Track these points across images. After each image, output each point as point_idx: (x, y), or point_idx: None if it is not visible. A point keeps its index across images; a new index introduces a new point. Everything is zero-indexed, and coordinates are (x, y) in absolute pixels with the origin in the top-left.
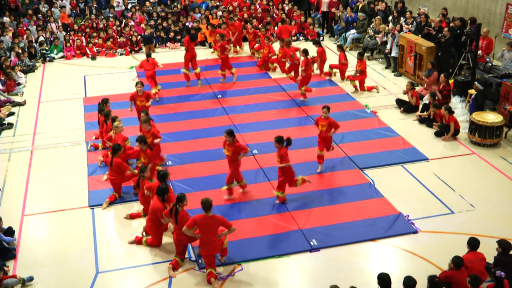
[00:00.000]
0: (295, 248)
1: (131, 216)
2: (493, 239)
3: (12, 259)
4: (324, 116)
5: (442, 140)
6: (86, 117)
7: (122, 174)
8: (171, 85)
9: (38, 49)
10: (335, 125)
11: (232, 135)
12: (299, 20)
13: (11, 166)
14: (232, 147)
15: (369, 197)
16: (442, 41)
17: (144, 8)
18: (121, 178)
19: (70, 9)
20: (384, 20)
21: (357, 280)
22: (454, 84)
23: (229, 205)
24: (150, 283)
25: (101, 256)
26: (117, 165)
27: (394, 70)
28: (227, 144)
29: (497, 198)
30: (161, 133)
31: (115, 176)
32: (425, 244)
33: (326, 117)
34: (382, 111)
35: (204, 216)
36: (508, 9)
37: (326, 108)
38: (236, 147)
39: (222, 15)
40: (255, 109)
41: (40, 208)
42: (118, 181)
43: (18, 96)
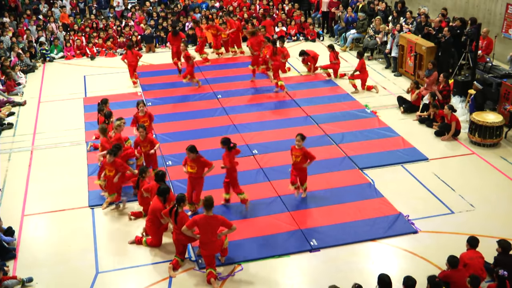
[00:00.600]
0: (295, 248)
1: (133, 214)
2: (493, 239)
3: (12, 259)
4: (297, 145)
5: (442, 140)
6: (86, 117)
7: (123, 174)
8: (171, 85)
9: (38, 49)
10: (310, 156)
11: (195, 151)
12: (299, 20)
13: (11, 166)
14: (196, 163)
15: (369, 197)
16: (442, 41)
17: (144, 8)
18: (121, 178)
19: (70, 9)
20: (384, 20)
21: (357, 280)
22: (454, 84)
23: (229, 205)
24: (150, 283)
25: (101, 256)
26: (118, 165)
27: (394, 70)
28: (190, 160)
29: (497, 198)
30: (161, 133)
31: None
32: (425, 244)
33: (299, 146)
34: (382, 111)
35: (205, 216)
36: (508, 9)
37: (299, 136)
38: (201, 163)
39: (222, 14)
40: (255, 109)
41: (40, 208)
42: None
43: (18, 96)
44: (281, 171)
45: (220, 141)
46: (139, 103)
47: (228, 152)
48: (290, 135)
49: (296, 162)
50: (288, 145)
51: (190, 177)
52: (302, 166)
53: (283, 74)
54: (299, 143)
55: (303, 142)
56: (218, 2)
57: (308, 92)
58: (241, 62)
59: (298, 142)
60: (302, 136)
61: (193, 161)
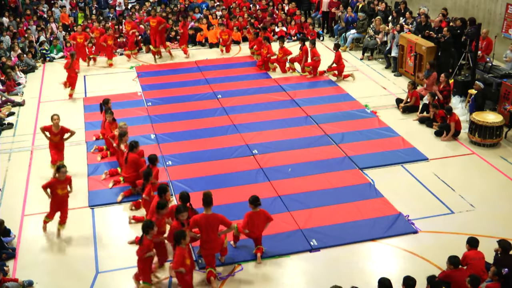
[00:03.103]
0: (295, 248)
1: (134, 218)
2: (493, 239)
3: (12, 259)
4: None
5: (442, 140)
6: (86, 117)
7: (137, 171)
8: (171, 85)
9: (38, 49)
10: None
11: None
12: (299, 20)
13: (11, 166)
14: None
15: (369, 197)
16: (442, 41)
17: (144, 8)
18: (136, 176)
19: (70, 9)
20: (384, 20)
21: (357, 280)
22: (454, 84)
23: (229, 205)
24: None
25: (101, 256)
26: (133, 162)
27: (394, 70)
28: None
29: (497, 198)
30: (161, 133)
31: (130, 174)
32: (425, 244)
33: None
34: (382, 111)
35: (204, 215)
36: (508, 9)
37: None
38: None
39: (222, 15)
40: (255, 109)
41: (40, 208)
42: (132, 179)
43: (18, 96)
44: (281, 171)
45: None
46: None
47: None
48: (290, 135)
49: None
50: (288, 145)
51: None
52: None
53: (283, 74)
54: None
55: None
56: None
57: (308, 92)
58: (241, 62)
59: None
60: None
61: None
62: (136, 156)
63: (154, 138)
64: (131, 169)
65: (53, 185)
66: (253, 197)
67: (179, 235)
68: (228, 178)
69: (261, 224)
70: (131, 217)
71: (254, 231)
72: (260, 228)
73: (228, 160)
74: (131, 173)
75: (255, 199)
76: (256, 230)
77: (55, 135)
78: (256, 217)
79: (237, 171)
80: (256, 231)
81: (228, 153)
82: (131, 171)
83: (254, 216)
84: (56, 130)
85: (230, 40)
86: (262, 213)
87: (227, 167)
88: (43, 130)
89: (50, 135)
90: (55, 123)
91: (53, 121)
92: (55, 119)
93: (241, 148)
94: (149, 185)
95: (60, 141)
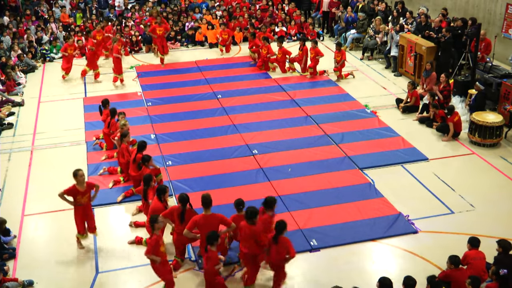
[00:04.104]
0: (295, 248)
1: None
2: (493, 239)
3: (12, 259)
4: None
5: (443, 140)
6: (86, 117)
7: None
8: (171, 85)
9: (38, 49)
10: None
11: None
12: (299, 20)
13: (11, 166)
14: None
15: (369, 197)
16: (442, 41)
17: (144, 8)
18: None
19: (70, 9)
20: (384, 20)
21: (357, 280)
22: (454, 84)
23: (229, 205)
24: (150, 283)
25: (101, 256)
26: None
27: (394, 70)
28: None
29: (497, 198)
30: (161, 133)
31: (137, 173)
32: (425, 244)
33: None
34: (382, 111)
35: (204, 215)
36: (508, 9)
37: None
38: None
39: (222, 15)
40: (255, 109)
41: (40, 208)
42: (139, 178)
43: (18, 96)
44: (281, 171)
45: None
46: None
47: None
48: (290, 135)
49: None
50: (288, 145)
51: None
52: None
53: (283, 74)
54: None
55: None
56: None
57: (308, 92)
58: (241, 62)
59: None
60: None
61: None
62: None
63: (154, 138)
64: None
65: (73, 193)
66: (237, 201)
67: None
68: (228, 178)
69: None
70: (133, 222)
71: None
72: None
73: (228, 160)
74: (138, 173)
75: (238, 202)
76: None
77: (83, 195)
78: (241, 220)
79: (237, 171)
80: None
81: (228, 153)
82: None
83: (238, 220)
84: (83, 189)
85: (230, 40)
86: None
87: (227, 167)
88: (63, 195)
89: (76, 197)
90: (81, 180)
91: (78, 178)
92: (81, 175)
93: (241, 148)
94: (150, 190)
95: (88, 203)
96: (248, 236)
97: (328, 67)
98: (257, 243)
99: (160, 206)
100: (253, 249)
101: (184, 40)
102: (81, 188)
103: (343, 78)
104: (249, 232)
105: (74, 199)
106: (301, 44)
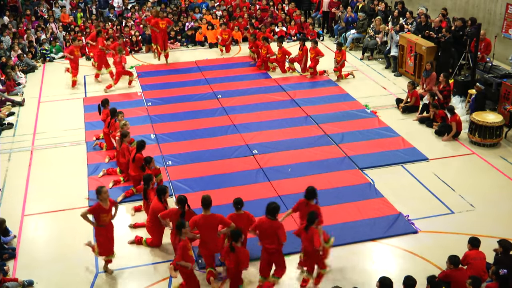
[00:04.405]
0: (296, 248)
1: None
2: (493, 239)
3: (12, 259)
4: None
5: (443, 140)
6: (86, 117)
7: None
8: (171, 85)
9: (38, 49)
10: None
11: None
12: (299, 20)
13: (11, 166)
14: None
15: (369, 197)
16: (442, 41)
17: (144, 8)
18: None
19: (70, 9)
20: (384, 20)
21: (357, 280)
22: (454, 84)
23: (229, 205)
24: (150, 283)
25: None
26: (140, 162)
27: (394, 70)
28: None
29: (497, 198)
30: (161, 133)
31: (137, 172)
32: (425, 244)
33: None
34: (382, 111)
35: (203, 216)
36: (508, 9)
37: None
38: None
39: (222, 15)
40: (255, 109)
41: (40, 208)
42: (139, 177)
43: (18, 96)
44: (281, 171)
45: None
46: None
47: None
48: (290, 135)
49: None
50: (288, 145)
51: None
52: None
53: (283, 74)
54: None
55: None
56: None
57: (308, 92)
58: (241, 62)
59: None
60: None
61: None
62: (143, 156)
63: (154, 138)
64: (139, 169)
65: (97, 212)
66: (236, 200)
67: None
68: (228, 178)
69: (245, 227)
70: (133, 224)
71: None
72: (243, 231)
73: (228, 160)
74: (138, 172)
75: (237, 201)
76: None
77: (108, 213)
78: (239, 219)
79: (237, 171)
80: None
81: (228, 153)
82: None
83: (236, 219)
84: (107, 206)
85: (230, 40)
86: (246, 216)
87: (227, 167)
88: (86, 216)
89: (100, 216)
90: (105, 196)
91: (102, 195)
92: (105, 191)
93: (241, 148)
94: (150, 190)
95: (110, 222)
96: (270, 232)
97: (328, 67)
98: (278, 237)
99: (160, 207)
100: (276, 244)
101: (184, 40)
102: (105, 205)
103: (343, 78)
104: (270, 227)
105: (98, 218)
106: (301, 44)
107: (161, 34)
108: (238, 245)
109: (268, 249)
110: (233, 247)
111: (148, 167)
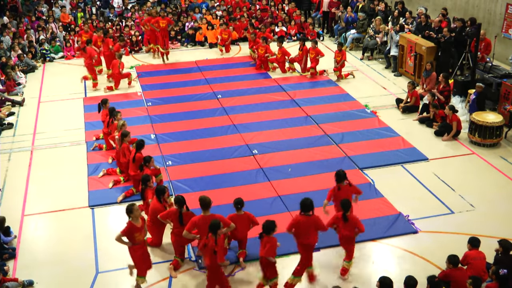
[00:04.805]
0: (295, 248)
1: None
2: (493, 239)
3: (12, 259)
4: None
5: (443, 140)
6: (86, 117)
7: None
8: (171, 85)
9: (38, 49)
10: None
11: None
12: (299, 20)
13: (11, 166)
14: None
15: (369, 197)
16: (442, 41)
17: (144, 8)
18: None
19: (70, 9)
20: (384, 20)
21: (357, 280)
22: (454, 84)
23: (229, 205)
24: (150, 283)
25: (101, 256)
26: (140, 161)
27: (394, 70)
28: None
29: (497, 198)
30: (161, 133)
31: (137, 172)
32: (425, 244)
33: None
34: (382, 111)
35: (203, 216)
36: (508, 9)
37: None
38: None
39: (222, 15)
40: (255, 109)
41: (40, 208)
42: (139, 177)
43: (18, 96)
44: (281, 171)
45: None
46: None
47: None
48: (290, 135)
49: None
50: (288, 145)
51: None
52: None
53: (283, 74)
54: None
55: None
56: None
57: (308, 92)
58: (241, 62)
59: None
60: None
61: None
62: (143, 156)
63: (154, 138)
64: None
65: (131, 232)
66: (237, 200)
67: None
68: (228, 178)
69: (244, 228)
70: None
71: (236, 234)
72: (243, 231)
73: (228, 160)
74: (138, 172)
75: (237, 202)
76: (238, 233)
77: (141, 231)
78: (239, 220)
79: (237, 171)
80: (238, 234)
81: (228, 153)
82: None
83: (237, 219)
84: (139, 224)
85: (230, 40)
86: (246, 216)
87: (227, 167)
88: (120, 238)
89: (134, 235)
90: (137, 214)
91: (134, 213)
92: (136, 209)
93: (241, 148)
94: (148, 190)
95: (144, 240)
96: (308, 228)
97: (328, 67)
98: (317, 229)
99: (159, 207)
100: (314, 238)
101: (184, 40)
102: (137, 223)
103: (343, 78)
104: (307, 223)
105: (132, 237)
106: (301, 44)
107: (161, 33)
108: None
109: (305, 246)
110: (261, 235)
111: (147, 166)
